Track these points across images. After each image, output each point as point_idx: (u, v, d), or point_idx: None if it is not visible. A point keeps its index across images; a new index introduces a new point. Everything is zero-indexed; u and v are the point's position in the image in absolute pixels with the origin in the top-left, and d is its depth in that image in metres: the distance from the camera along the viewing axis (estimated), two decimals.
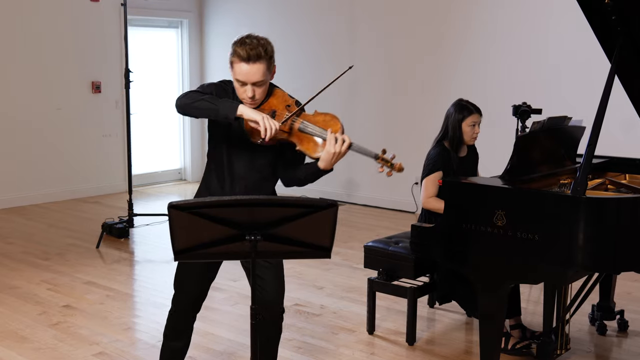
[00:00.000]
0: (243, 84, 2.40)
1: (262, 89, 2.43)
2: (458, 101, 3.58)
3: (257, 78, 2.38)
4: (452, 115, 3.53)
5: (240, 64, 2.37)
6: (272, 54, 2.43)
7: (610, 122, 3.40)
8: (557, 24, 5.56)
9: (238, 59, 2.38)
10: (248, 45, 2.37)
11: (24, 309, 4.01)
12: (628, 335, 3.63)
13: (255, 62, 2.37)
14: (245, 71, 2.37)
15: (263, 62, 2.38)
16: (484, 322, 2.87)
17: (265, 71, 2.40)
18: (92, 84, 7.16)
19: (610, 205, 2.55)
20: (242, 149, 2.51)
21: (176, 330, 2.71)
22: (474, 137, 3.56)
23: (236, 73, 2.40)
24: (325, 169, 2.43)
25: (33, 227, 5.96)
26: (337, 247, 4.47)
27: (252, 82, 2.39)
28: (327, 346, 3.49)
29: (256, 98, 2.42)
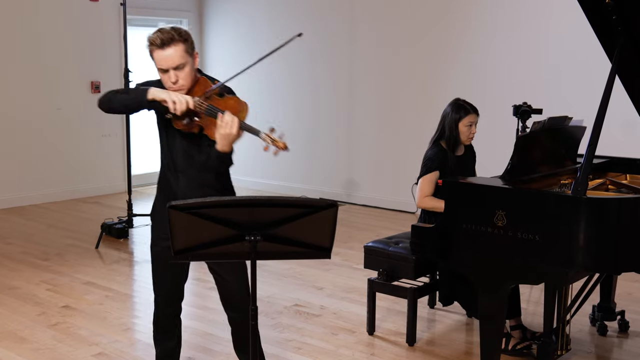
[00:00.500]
0: (165, 71, 2.44)
1: (185, 72, 2.44)
2: (455, 101, 3.57)
3: (175, 61, 2.41)
4: (449, 115, 3.52)
5: (157, 51, 2.42)
6: (187, 37, 2.46)
7: (611, 122, 3.39)
8: (557, 23, 5.55)
9: (154, 48, 2.43)
10: (160, 32, 2.44)
11: (23, 309, 4.00)
12: (629, 335, 3.63)
13: (170, 45, 2.40)
14: (163, 57, 2.41)
15: (178, 44, 2.41)
16: (484, 323, 2.87)
17: (184, 53, 2.43)
18: (91, 84, 7.15)
19: (611, 206, 2.54)
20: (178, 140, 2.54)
21: (163, 331, 2.76)
22: (471, 137, 3.55)
23: (156, 62, 2.45)
24: (222, 150, 2.42)
25: (32, 227, 5.95)
26: (337, 247, 4.46)
27: (173, 67, 2.42)
28: (327, 347, 3.48)
29: (180, 83, 2.45)
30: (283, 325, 3.76)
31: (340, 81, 6.93)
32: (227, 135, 2.37)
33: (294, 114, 7.32)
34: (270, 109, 7.45)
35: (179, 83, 2.45)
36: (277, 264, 4.78)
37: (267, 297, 4.18)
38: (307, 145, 7.21)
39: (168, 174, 2.61)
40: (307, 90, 7.20)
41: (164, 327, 2.76)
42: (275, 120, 7.53)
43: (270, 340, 3.53)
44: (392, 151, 6.63)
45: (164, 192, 2.64)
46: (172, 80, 2.44)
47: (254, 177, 7.77)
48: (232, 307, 2.68)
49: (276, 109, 7.41)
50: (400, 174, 6.51)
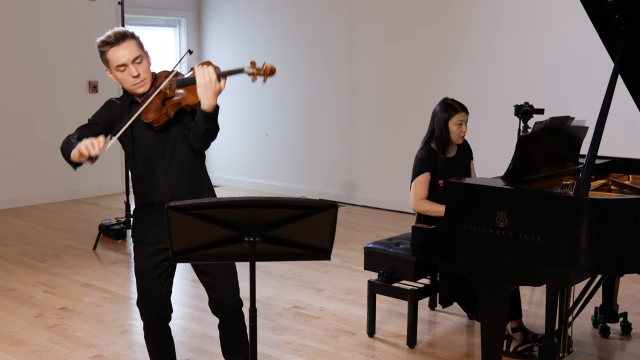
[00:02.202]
0: (125, 67, 2.44)
1: (144, 66, 2.46)
2: (443, 100, 3.55)
3: (134, 54, 2.44)
4: (438, 115, 3.50)
5: (113, 49, 2.44)
6: (137, 37, 2.49)
7: (613, 123, 3.37)
8: (559, 23, 5.53)
9: (108, 47, 2.44)
10: (111, 32, 2.46)
11: (20, 311, 3.97)
12: (631, 337, 3.61)
13: (124, 40, 2.44)
14: (120, 52, 2.43)
15: (131, 39, 2.45)
16: (485, 325, 2.85)
17: (138, 47, 2.46)
18: (89, 84, 7.12)
19: (613, 206, 2.53)
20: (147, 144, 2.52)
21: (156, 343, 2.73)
22: (462, 135, 3.52)
23: (114, 61, 2.45)
24: (209, 107, 2.38)
25: (29, 228, 5.92)
26: (337, 248, 4.43)
27: (131, 61, 2.43)
28: (327, 349, 3.45)
29: (142, 76, 2.45)
30: (282, 327, 3.73)
31: (340, 81, 6.91)
32: (207, 84, 2.33)
33: (293, 114, 7.30)
34: (270, 109, 7.43)
35: (141, 76, 2.45)
36: (277, 265, 4.76)
37: (267, 299, 4.16)
38: (306, 146, 7.19)
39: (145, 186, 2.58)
40: (307, 90, 7.17)
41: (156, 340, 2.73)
42: (275, 120, 7.54)
43: (269, 342, 3.50)
44: (392, 152, 6.61)
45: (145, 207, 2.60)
46: (133, 73, 2.43)
47: (253, 178, 7.74)
48: (224, 311, 2.65)
49: (276, 109, 7.39)
50: (400, 174, 6.48)
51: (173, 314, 2.78)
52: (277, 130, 7.41)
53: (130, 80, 2.46)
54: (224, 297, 2.62)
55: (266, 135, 7.48)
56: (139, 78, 2.45)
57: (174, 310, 2.79)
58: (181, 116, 2.50)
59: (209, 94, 2.35)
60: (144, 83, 2.47)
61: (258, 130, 7.56)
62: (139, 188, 2.62)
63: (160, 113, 2.45)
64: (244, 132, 7.71)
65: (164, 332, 2.74)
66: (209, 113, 2.38)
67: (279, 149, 7.45)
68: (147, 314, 2.68)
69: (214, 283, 2.61)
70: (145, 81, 2.47)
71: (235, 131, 7.71)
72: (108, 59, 2.46)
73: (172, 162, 2.54)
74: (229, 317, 2.65)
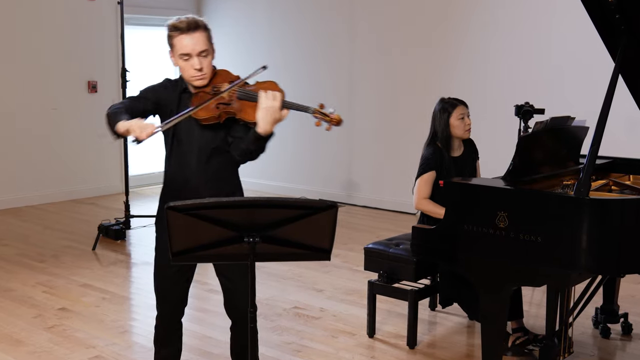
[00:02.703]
0: (189, 58, 2.40)
1: (208, 61, 2.43)
2: (440, 100, 3.55)
3: (201, 46, 2.40)
4: (438, 115, 3.49)
5: (181, 36, 2.40)
6: (209, 29, 2.45)
7: (614, 123, 3.36)
8: (559, 23, 5.52)
9: (178, 33, 2.40)
10: (185, 18, 2.42)
11: (19, 311, 3.96)
12: (632, 338, 3.60)
13: (195, 30, 2.40)
14: (188, 41, 2.39)
15: (202, 32, 2.41)
16: (486, 325, 2.85)
17: (207, 41, 2.42)
18: (88, 84, 7.11)
19: (614, 207, 2.52)
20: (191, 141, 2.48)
21: (165, 337, 2.70)
22: (467, 129, 3.50)
23: (180, 48, 2.40)
24: (264, 132, 2.35)
25: (28, 228, 5.91)
26: (337, 249, 4.42)
27: (197, 53, 2.39)
28: (327, 349, 3.44)
29: (204, 71, 2.42)
30: (282, 328, 3.72)
31: (340, 81, 6.90)
32: (270, 109, 2.30)
33: (293, 114, 7.28)
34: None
35: (204, 70, 2.41)
36: (277, 265, 4.75)
37: (267, 300, 4.15)
38: (306, 146, 7.18)
39: (178, 177, 2.53)
40: (307, 90, 7.16)
41: (166, 335, 2.70)
42: None
43: (269, 343, 3.49)
44: (392, 152, 6.60)
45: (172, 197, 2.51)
46: (196, 66, 2.39)
47: (253, 178, 7.73)
48: (237, 314, 2.62)
49: None
50: (400, 174, 6.48)
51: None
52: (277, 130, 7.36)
53: (191, 72, 2.41)
54: (238, 299, 2.57)
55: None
56: (201, 72, 2.40)
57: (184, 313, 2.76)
58: (232, 122, 2.45)
59: (269, 120, 2.32)
60: (204, 77, 2.42)
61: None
62: (171, 181, 2.56)
63: (212, 115, 2.39)
64: None
65: (175, 326, 2.70)
66: (263, 137, 2.36)
67: (278, 149, 7.43)
68: (161, 305, 2.65)
69: (230, 284, 2.58)
70: (206, 76, 2.43)
71: None
72: (174, 44, 2.41)
73: (210, 161, 2.49)
74: (240, 320, 2.61)
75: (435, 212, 3.35)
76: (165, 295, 2.63)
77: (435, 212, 3.35)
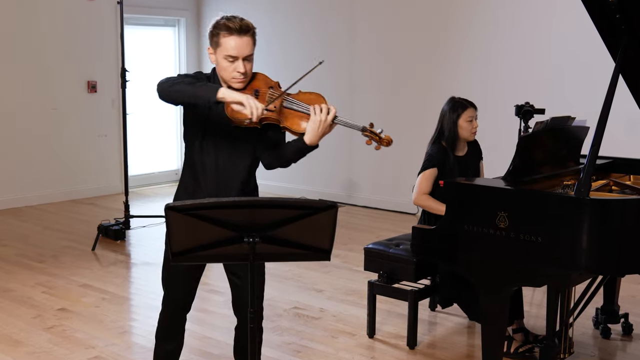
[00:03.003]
0: (234, 60, 2.36)
1: (250, 66, 2.40)
2: (451, 99, 3.54)
3: (248, 51, 2.36)
4: (447, 115, 3.48)
5: (231, 37, 2.35)
6: (255, 34, 2.42)
7: (614, 123, 3.35)
8: (560, 23, 5.52)
9: (228, 33, 2.35)
10: (238, 19, 2.38)
11: (19, 312, 3.95)
12: (632, 339, 3.59)
13: (246, 34, 2.36)
14: (237, 44, 2.34)
15: (251, 37, 2.38)
16: (486, 325, 2.84)
17: (253, 46, 2.39)
18: (87, 84, 7.11)
19: (615, 207, 2.51)
20: (221, 139, 2.44)
21: (168, 332, 2.69)
22: (474, 131, 3.50)
23: (227, 49, 2.35)
24: (312, 143, 2.36)
25: (28, 228, 5.90)
26: (337, 249, 4.42)
27: (243, 56, 2.36)
28: (327, 350, 3.44)
29: (247, 76, 2.39)
30: (282, 328, 3.72)
31: (340, 81, 6.89)
32: (322, 123, 2.30)
33: None
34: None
35: (246, 75, 2.37)
36: (277, 266, 4.74)
37: (266, 300, 4.11)
38: None
39: (199, 175, 2.49)
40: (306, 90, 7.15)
41: (171, 329, 2.68)
42: None
43: (269, 343, 3.48)
44: (392, 152, 6.54)
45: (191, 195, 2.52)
46: (240, 70, 2.35)
47: None
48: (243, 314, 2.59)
49: None
50: (400, 174, 6.48)
51: None
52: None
53: (233, 74, 2.36)
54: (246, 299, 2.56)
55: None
56: (243, 76, 2.37)
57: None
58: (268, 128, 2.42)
59: (318, 132, 2.33)
60: (243, 81, 2.39)
61: None
62: (190, 177, 2.52)
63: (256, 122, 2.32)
64: None
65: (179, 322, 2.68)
66: (308, 148, 2.36)
67: None
68: (168, 301, 2.64)
69: (239, 284, 2.56)
70: (246, 80, 2.40)
71: None
72: (221, 43, 2.35)
73: (236, 161, 2.47)
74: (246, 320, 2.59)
75: (433, 208, 3.35)
76: (173, 291, 2.62)
77: (433, 207, 3.35)
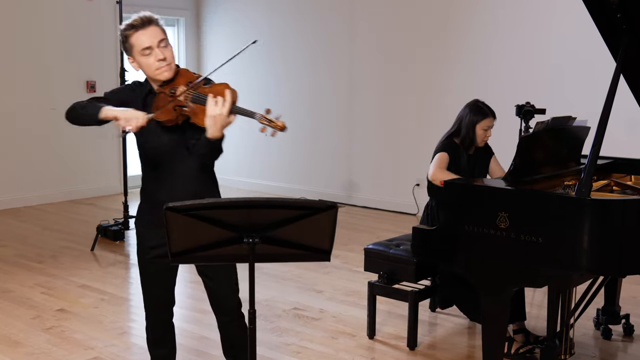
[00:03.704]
0: (150, 51, 2.38)
1: (169, 50, 2.42)
2: (474, 102, 3.55)
3: (159, 36, 2.39)
4: (467, 116, 3.50)
5: (138, 32, 2.38)
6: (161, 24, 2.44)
7: (615, 123, 3.34)
8: (560, 22, 5.51)
9: (134, 30, 2.39)
10: (136, 16, 2.42)
11: (17, 313, 3.94)
12: (634, 339, 3.58)
13: (150, 24, 2.39)
14: (145, 35, 2.38)
15: (156, 25, 2.40)
16: (487, 326, 2.83)
17: (162, 32, 2.42)
18: (86, 83, 7.10)
19: (616, 207, 2.50)
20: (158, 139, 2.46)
21: (155, 335, 2.71)
22: (485, 139, 3.56)
23: (139, 44, 2.38)
24: (213, 137, 2.33)
25: (27, 229, 5.89)
26: (337, 249, 4.40)
27: (157, 43, 2.38)
28: (327, 351, 3.43)
29: (169, 60, 2.40)
30: (282, 329, 3.70)
31: (340, 81, 6.88)
32: (217, 117, 2.29)
33: (293, 114, 7.27)
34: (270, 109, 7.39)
35: (167, 60, 2.39)
36: (276, 266, 4.73)
37: (266, 301, 4.13)
38: (306, 146, 7.16)
39: (151, 178, 2.56)
40: (307, 90, 7.15)
41: (158, 334, 2.72)
42: None
43: (269, 344, 3.47)
44: (392, 152, 6.58)
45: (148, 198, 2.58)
46: (159, 56, 2.38)
47: (252, 178, 7.71)
48: (222, 312, 2.64)
49: (275, 109, 7.34)
50: (400, 175, 6.47)
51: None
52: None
53: (154, 65, 2.38)
54: (221, 297, 2.61)
55: (265, 135, 7.44)
56: (165, 61, 2.38)
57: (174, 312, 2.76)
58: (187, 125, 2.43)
59: (217, 127, 2.30)
60: (169, 68, 2.40)
61: (257, 129, 7.52)
62: (145, 184, 2.59)
63: (170, 117, 2.38)
64: (243, 131, 7.66)
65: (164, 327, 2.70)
66: (212, 141, 2.34)
67: (278, 149, 7.43)
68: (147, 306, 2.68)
69: (212, 283, 2.60)
70: (171, 66, 2.41)
71: (233, 131, 7.67)
72: (132, 43, 2.39)
73: (181, 163, 2.48)
74: (227, 318, 2.63)
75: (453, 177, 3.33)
76: (150, 291, 2.66)
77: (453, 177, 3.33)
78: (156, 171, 2.53)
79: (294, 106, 7.21)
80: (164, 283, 2.65)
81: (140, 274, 2.69)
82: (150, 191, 2.58)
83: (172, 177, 2.51)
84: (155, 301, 2.67)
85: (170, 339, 2.74)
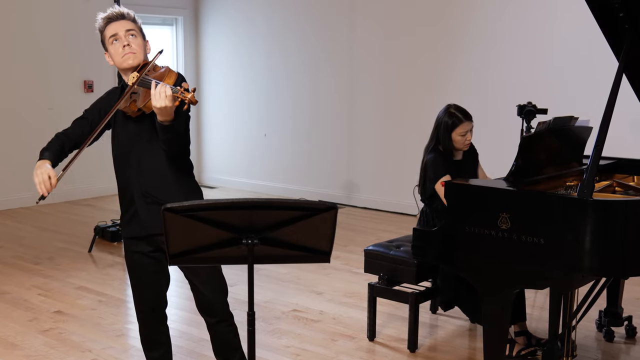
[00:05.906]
0: (117, 38, 2.42)
1: (138, 41, 2.44)
2: (447, 108, 3.45)
3: (128, 26, 2.44)
4: (442, 125, 3.42)
5: (108, 25, 2.44)
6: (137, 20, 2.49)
7: (617, 123, 3.33)
8: (562, 22, 5.49)
9: (107, 23, 2.44)
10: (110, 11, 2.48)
11: (14, 314, 3.91)
12: (636, 341, 3.56)
13: (122, 18, 2.45)
14: (113, 26, 2.43)
15: (128, 21, 2.46)
16: (488, 328, 2.81)
17: (134, 25, 2.45)
18: (84, 83, 7.07)
19: (618, 208, 2.49)
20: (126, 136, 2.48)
21: (147, 338, 2.71)
22: (466, 144, 3.46)
23: (107, 34, 2.44)
24: (162, 121, 2.29)
25: (24, 230, 5.87)
26: (337, 251, 4.39)
27: (124, 32, 2.41)
28: (327, 353, 3.40)
29: (134, 47, 2.42)
30: (281, 331, 3.68)
31: (340, 81, 6.86)
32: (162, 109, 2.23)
33: (292, 114, 7.25)
34: (268, 108, 7.38)
35: (132, 47, 2.41)
36: (276, 268, 4.71)
37: (265, 302, 4.10)
38: (306, 147, 7.14)
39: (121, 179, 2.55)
40: (306, 90, 7.13)
41: (151, 337, 2.70)
42: (274, 121, 7.49)
43: (268, 346, 3.45)
44: (392, 152, 6.56)
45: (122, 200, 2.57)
46: (124, 43, 2.40)
47: (251, 179, 7.69)
48: (209, 313, 2.63)
49: (274, 109, 7.34)
50: (401, 175, 6.44)
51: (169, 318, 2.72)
52: (276, 131, 7.36)
53: (120, 52, 2.41)
54: (207, 299, 2.59)
55: (264, 135, 7.43)
56: (129, 48, 2.40)
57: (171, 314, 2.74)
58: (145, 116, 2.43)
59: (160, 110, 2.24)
60: (133, 56, 2.41)
61: (256, 130, 7.51)
62: (117, 180, 2.59)
63: (126, 104, 2.40)
64: (242, 132, 7.66)
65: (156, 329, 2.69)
66: (166, 126, 2.30)
67: (277, 150, 7.40)
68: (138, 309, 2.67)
69: (197, 285, 2.58)
70: (136, 55, 2.42)
71: (233, 131, 7.67)
72: (105, 35, 2.45)
73: (147, 157, 2.45)
74: (214, 320, 2.62)
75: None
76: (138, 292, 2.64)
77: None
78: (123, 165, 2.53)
79: (294, 106, 7.19)
80: (154, 287, 2.63)
81: (129, 276, 2.67)
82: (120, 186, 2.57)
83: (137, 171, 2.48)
84: (144, 305, 2.65)
85: (164, 342, 2.72)
